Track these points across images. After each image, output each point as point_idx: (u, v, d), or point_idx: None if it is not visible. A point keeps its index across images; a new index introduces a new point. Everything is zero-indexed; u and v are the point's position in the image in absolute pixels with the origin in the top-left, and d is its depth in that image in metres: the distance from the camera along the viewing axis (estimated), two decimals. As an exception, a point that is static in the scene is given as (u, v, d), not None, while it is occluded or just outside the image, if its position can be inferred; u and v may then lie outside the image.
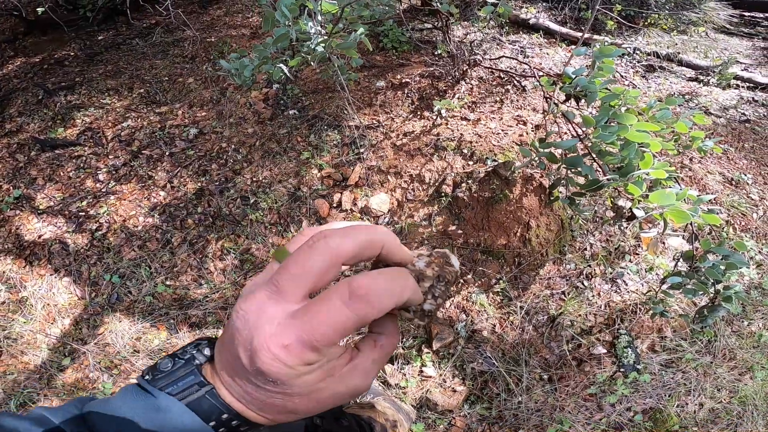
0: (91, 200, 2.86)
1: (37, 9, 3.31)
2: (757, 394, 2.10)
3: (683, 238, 2.59)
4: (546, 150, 1.47)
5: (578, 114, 1.43)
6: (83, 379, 2.20)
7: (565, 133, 2.69)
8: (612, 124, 1.13)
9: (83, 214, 2.81)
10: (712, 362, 2.23)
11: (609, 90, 1.43)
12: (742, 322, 2.40)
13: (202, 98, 3.38)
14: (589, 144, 1.22)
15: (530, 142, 2.79)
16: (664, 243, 2.57)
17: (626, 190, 1.09)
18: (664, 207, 1.03)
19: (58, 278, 2.56)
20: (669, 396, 2.12)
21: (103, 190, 2.91)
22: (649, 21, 3.98)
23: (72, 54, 4.04)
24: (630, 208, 1.23)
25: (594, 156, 1.20)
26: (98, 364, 2.24)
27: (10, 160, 3.12)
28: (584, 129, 1.32)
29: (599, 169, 1.29)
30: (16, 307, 2.43)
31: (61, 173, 3.02)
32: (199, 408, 0.36)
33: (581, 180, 1.38)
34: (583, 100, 1.46)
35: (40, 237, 2.71)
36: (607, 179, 1.16)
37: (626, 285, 2.52)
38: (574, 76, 1.46)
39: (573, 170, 1.35)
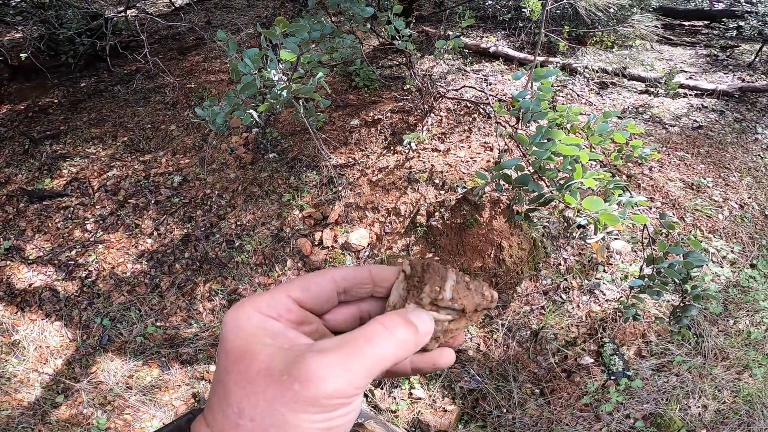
0: (79, 249, 2.94)
1: (21, 54, 3.43)
2: (762, 392, 2.07)
3: (629, 241, 2.69)
4: (500, 172, 1.58)
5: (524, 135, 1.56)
6: (77, 415, 2.24)
7: (522, 155, 2.84)
8: (547, 141, 1.25)
9: (72, 262, 2.87)
10: (704, 363, 2.24)
11: (554, 110, 1.57)
12: (727, 320, 2.43)
13: (184, 145, 3.52)
14: (532, 161, 1.34)
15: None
16: (609, 248, 2.65)
17: (564, 200, 1.20)
18: (597, 212, 1.14)
19: (50, 322, 2.63)
20: (667, 400, 2.12)
21: (91, 239, 2.99)
22: (595, 39, 4.22)
23: (56, 101, 4.14)
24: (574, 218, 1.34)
25: (536, 172, 1.32)
26: (92, 400, 2.29)
27: (0, 213, 3.20)
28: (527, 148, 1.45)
29: (546, 185, 1.41)
30: (9, 349, 2.49)
31: (50, 224, 3.10)
32: None
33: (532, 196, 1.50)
34: (530, 122, 1.60)
35: (30, 285, 2.78)
36: (549, 192, 1.27)
37: (603, 294, 2.59)
38: (519, 100, 1.61)
39: (524, 188, 1.46)
